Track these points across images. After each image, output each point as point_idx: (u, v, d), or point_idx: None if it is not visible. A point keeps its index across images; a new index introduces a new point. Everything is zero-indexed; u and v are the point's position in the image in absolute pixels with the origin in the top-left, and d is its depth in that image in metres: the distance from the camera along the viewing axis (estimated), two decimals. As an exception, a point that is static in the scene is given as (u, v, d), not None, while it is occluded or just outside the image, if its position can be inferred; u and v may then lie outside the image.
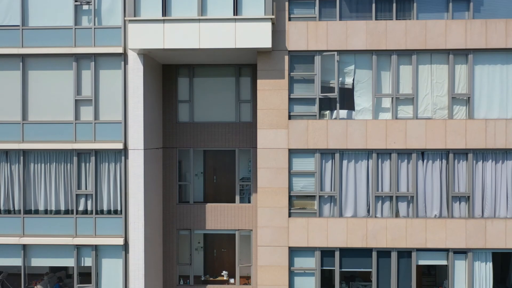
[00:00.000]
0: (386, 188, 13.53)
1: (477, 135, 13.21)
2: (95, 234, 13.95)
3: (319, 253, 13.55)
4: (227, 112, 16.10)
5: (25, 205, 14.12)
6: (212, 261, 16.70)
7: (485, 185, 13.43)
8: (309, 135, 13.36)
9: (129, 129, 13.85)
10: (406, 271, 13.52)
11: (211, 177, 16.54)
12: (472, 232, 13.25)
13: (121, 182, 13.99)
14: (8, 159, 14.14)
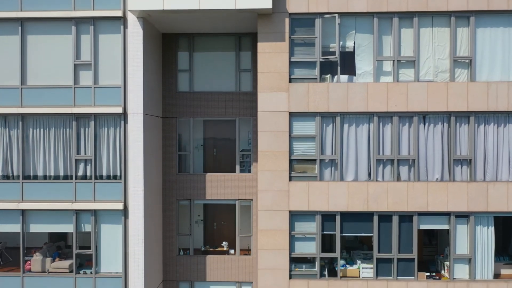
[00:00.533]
0: (387, 151, 13.44)
1: (479, 98, 13.12)
2: (94, 199, 13.86)
3: (320, 217, 13.46)
4: (227, 81, 16.02)
5: (24, 171, 14.02)
6: (212, 234, 16.62)
7: (487, 149, 13.35)
8: (309, 98, 13.27)
9: (128, 94, 13.76)
10: (407, 236, 13.43)
11: (211, 147, 16.45)
12: (474, 196, 13.17)
13: (120, 147, 13.90)
14: (6, 124, 14.05)
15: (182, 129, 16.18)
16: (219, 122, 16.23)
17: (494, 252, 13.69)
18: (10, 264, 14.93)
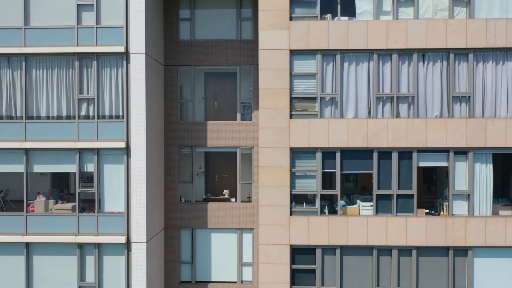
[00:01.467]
0: (387, 89, 13.59)
1: (478, 35, 13.26)
2: (97, 138, 14.00)
3: (320, 154, 13.61)
4: (228, 30, 16.14)
5: (27, 111, 14.16)
6: (213, 184, 16.76)
7: (486, 86, 13.50)
8: (310, 35, 13.41)
9: (130, 33, 13.88)
10: (407, 172, 13.59)
11: (212, 97, 16.58)
12: (473, 132, 13.32)
13: (122, 87, 14.03)
14: (10, 64, 14.18)
15: (184, 77, 16.31)
16: (221, 70, 16.35)
17: (493, 194, 13.84)
18: (13, 212, 15.04)
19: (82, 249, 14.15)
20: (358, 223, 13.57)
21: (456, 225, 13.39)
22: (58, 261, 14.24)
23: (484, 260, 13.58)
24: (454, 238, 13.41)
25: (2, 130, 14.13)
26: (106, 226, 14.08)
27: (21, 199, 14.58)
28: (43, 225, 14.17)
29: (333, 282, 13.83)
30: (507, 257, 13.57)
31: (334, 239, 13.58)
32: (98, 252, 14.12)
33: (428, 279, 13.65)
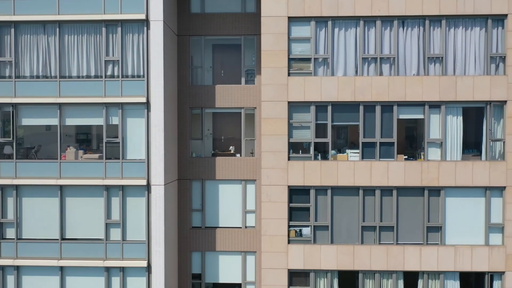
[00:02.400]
0: (371, 51, 15.77)
1: (449, 4, 15.42)
2: (121, 94, 16.19)
3: (314, 107, 15.81)
4: (234, 3, 18.27)
5: (61, 71, 16.34)
6: (220, 141, 18.93)
7: (456, 48, 15.67)
8: (305, 4, 15.58)
9: (150, 3, 16.01)
10: (388, 123, 15.78)
11: (219, 65, 18.74)
12: (445, 87, 15.51)
13: (143, 50, 16.20)
14: (45, 31, 16.35)
15: (194, 46, 18.47)
16: (227, 41, 18.50)
17: (465, 146, 16.01)
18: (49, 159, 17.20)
19: (108, 191, 16.37)
20: (346, 167, 15.78)
21: (430, 168, 15.60)
22: (87, 202, 16.46)
23: (455, 199, 15.79)
24: (429, 179, 15.63)
25: (39, 88, 16.32)
26: (129, 171, 16.30)
27: (48, 157, 16.70)
28: (74, 170, 16.39)
29: (325, 218, 16.05)
30: (474, 196, 15.78)
31: (326, 180, 15.80)
32: (122, 194, 16.33)
33: (407, 216, 15.87)
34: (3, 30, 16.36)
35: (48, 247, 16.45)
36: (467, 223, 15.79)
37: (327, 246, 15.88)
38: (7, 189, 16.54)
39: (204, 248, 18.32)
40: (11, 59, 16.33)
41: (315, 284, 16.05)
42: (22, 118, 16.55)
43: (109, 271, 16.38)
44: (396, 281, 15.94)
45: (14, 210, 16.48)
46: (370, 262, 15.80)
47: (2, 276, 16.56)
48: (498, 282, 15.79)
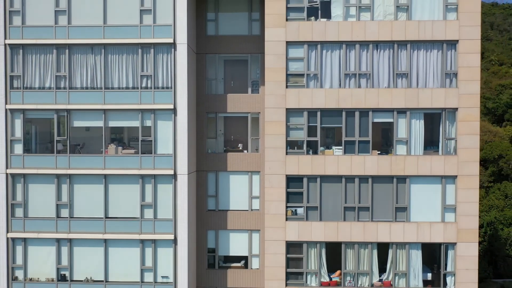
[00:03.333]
0: (352, 68, 19.97)
1: (413, 31, 19.62)
2: (154, 102, 20.40)
3: (306, 113, 20.02)
4: (242, 27, 22.41)
5: (105, 84, 20.54)
6: (230, 140, 23.08)
7: (419, 66, 19.88)
8: (299, 32, 19.79)
9: (176, 30, 20.20)
10: (365, 126, 19.98)
11: (229, 77, 22.89)
12: (409, 97, 19.70)
13: (171, 67, 20.40)
14: (93, 51, 20.55)
15: (210, 62, 22.64)
16: (236, 58, 22.67)
17: (426, 144, 20.16)
18: (95, 154, 21.37)
19: (143, 179, 20.57)
20: (332, 160, 19.99)
21: (398, 161, 19.80)
22: (126, 188, 20.66)
23: (417, 185, 19.99)
24: (397, 170, 19.83)
25: (88, 97, 20.52)
26: (159, 163, 20.49)
27: (92, 152, 20.86)
28: (115, 163, 20.59)
29: (315, 200, 20.26)
30: (433, 183, 19.97)
31: (316, 171, 20.00)
32: (154, 181, 20.53)
33: (379, 198, 20.08)
34: (60, 51, 20.58)
35: (94, 224, 20.66)
36: (427, 205, 19.99)
37: (317, 222, 20.10)
38: (62, 177, 20.75)
39: (218, 227, 22.51)
40: (66, 74, 20.55)
41: (307, 253, 20.26)
42: (74, 121, 20.77)
43: (144, 243, 20.59)
44: (371, 250, 20.15)
45: (68, 195, 20.69)
46: (351, 235, 20.01)
47: (57, 247, 20.77)
48: (451, 251, 19.99)
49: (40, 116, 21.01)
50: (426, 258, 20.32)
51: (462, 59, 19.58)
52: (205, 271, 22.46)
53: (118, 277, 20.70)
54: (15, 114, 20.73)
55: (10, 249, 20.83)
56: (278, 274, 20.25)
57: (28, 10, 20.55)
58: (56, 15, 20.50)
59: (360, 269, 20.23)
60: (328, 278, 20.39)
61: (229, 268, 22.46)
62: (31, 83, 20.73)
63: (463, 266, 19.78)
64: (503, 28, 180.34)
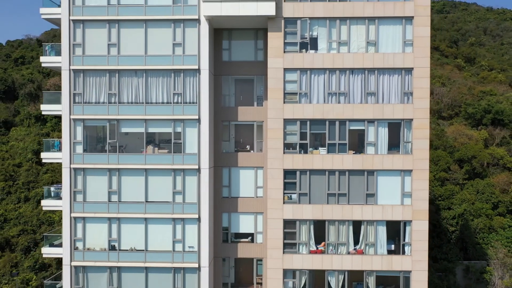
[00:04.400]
0: (333, 88, 26.41)
1: (379, 61, 26.06)
2: (183, 113, 26.80)
3: (299, 122, 26.48)
4: (249, 54, 28.84)
5: (146, 99, 26.96)
6: (240, 142, 29.47)
7: (384, 87, 26.30)
8: (294, 61, 26.25)
9: (200, 59, 26.63)
10: (343, 132, 26.40)
11: (239, 93, 29.29)
12: (377, 110, 26.12)
13: (196, 86, 26.82)
14: (136, 74, 26.98)
15: (224, 82, 29.06)
16: (245, 78, 29.09)
17: (390, 146, 26.56)
18: (137, 153, 27.78)
19: (174, 172, 26.98)
20: (318, 158, 26.42)
21: (368, 159, 26.23)
22: (161, 179, 27.06)
23: (383, 177, 26.39)
24: (367, 165, 26.25)
25: (132, 110, 26.93)
26: (187, 160, 26.91)
27: (132, 154, 27.26)
28: (153, 159, 27.01)
29: (305, 188, 26.67)
30: (394, 176, 26.35)
31: (306, 166, 26.43)
32: (183, 174, 26.95)
33: (354, 187, 26.49)
34: (111, 74, 27.02)
35: (137, 206, 27.08)
36: (390, 192, 26.41)
37: (307, 205, 26.53)
38: (112, 171, 27.17)
39: (230, 210, 28.92)
40: (116, 92, 26.99)
41: (299, 228, 26.68)
42: (122, 128, 27.21)
43: (175, 221, 27.01)
44: (348, 226, 26.58)
45: (117, 184, 27.12)
46: (332, 214, 26.43)
47: (109, 224, 27.19)
48: (408, 227, 26.40)
49: (96, 124, 27.47)
50: (389, 233, 26.76)
51: (416, 82, 26.04)
52: (220, 244, 28.88)
53: (155, 247, 27.14)
54: (77, 123, 27.19)
55: (73, 226, 27.27)
56: (278, 244, 26.70)
57: (87, 44, 27.02)
58: (109, 47, 26.96)
59: (339, 241, 26.69)
60: (315, 248, 26.84)
61: (239, 242, 28.89)
62: (89, 98, 27.19)
63: (417, 238, 26.23)
64: (496, 33, 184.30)
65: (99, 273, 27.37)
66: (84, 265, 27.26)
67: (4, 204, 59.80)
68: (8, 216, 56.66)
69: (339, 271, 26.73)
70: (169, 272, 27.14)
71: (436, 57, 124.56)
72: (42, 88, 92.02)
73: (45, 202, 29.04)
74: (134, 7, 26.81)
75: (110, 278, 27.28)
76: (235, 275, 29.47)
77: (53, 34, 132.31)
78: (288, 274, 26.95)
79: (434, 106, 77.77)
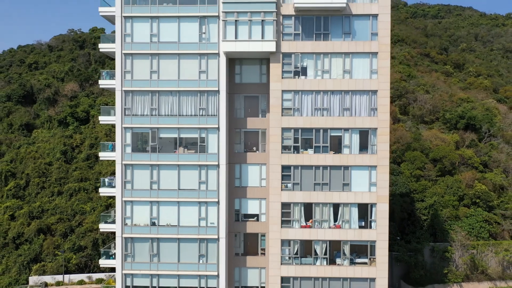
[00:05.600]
0: (319, 105, 35.55)
1: (352, 84, 35.19)
2: (206, 123, 35.94)
3: (293, 130, 35.63)
4: (256, 78, 37.94)
5: (178, 112, 36.05)
6: (248, 145, 38.55)
7: (356, 104, 35.44)
8: (289, 84, 35.42)
9: (219, 83, 35.78)
10: (326, 137, 35.56)
11: (248, 107, 38.38)
12: (350, 122, 35.27)
13: (216, 103, 35.97)
14: (171, 94, 36.07)
15: (236, 99, 38.17)
16: (252, 95, 38.22)
17: (361, 147, 35.69)
18: (171, 152, 36.89)
19: (200, 167, 36.12)
20: (307, 156, 35.59)
21: (344, 157, 35.41)
22: (189, 172, 36.19)
23: (355, 171, 35.52)
24: (344, 162, 35.42)
25: (167, 120, 36.06)
26: (209, 158, 36.03)
27: (167, 153, 36.33)
28: (183, 158, 36.14)
29: (298, 179, 35.82)
30: (364, 170, 35.50)
31: (298, 162, 35.60)
32: (206, 169, 36.07)
33: (334, 178, 35.63)
34: (153, 94, 36.15)
35: (172, 193, 36.21)
36: (360, 182, 35.57)
37: (298, 192, 35.70)
38: (153, 166, 36.29)
39: (241, 196, 38.05)
40: (156, 107, 36.13)
41: (293, 209, 35.83)
42: (160, 134, 36.36)
43: (200, 204, 36.16)
44: (329, 208, 35.73)
45: (157, 176, 36.23)
46: (317, 198, 35.59)
47: (150, 206, 36.30)
48: (374, 208, 35.57)
49: (141, 131, 36.58)
50: (360, 212, 35.90)
51: (379, 100, 35.21)
52: (233, 222, 38.02)
53: (185, 223, 36.27)
54: (127, 130, 36.32)
55: (123, 208, 36.38)
56: (277, 221, 35.85)
57: (135, 71, 36.15)
58: (151, 73, 36.12)
59: (323, 218, 35.84)
60: (305, 223, 35.99)
61: (247, 221, 38.01)
62: (136, 112, 36.32)
63: (380, 216, 35.39)
64: (487, 39, 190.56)
65: (143, 243, 36.51)
66: (132, 237, 36.41)
67: (39, 197, 69.00)
68: (44, 207, 65.82)
69: (323, 241, 35.91)
70: (195, 242, 36.30)
71: (426, 64, 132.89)
72: (59, 94, 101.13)
73: (102, 190, 38.28)
74: (170, 43, 35.97)
75: (151, 247, 36.41)
76: (244, 247, 38.58)
77: (62, 40, 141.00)
78: (285, 244, 36.12)
79: (417, 111, 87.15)
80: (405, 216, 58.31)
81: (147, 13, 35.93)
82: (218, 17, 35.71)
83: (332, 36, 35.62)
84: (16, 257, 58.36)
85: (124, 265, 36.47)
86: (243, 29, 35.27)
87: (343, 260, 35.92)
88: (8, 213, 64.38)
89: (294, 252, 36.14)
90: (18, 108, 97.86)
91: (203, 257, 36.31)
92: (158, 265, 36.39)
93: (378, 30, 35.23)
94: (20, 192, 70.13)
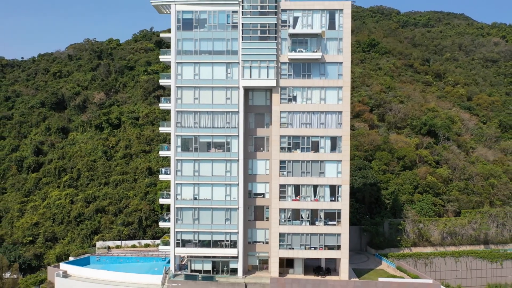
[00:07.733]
0: (304, 120, 54.58)
1: (325, 107, 54.21)
2: (231, 133, 54.90)
3: (287, 136, 54.70)
4: (263, 101, 56.88)
5: (212, 124, 55.01)
6: (257, 147, 57.46)
7: (328, 120, 54.47)
8: (285, 107, 54.49)
9: (240, 104, 54.75)
10: (308, 142, 54.57)
11: (257, 121, 57.31)
12: (325, 132, 54.25)
13: (238, 120, 54.97)
14: (207, 113, 55.00)
15: (250, 116, 57.05)
16: (260, 113, 57.14)
17: (331, 148, 54.66)
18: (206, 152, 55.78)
19: (226, 162, 55.07)
20: (297, 154, 54.58)
21: (320, 155, 54.42)
22: (219, 165, 55.14)
23: (328, 164, 54.49)
24: (321, 158, 54.43)
25: (204, 130, 54.99)
26: (233, 155, 55.01)
27: (204, 152, 55.21)
28: (215, 155, 55.14)
29: (290, 169, 54.80)
30: (334, 163, 54.46)
31: (291, 158, 54.60)
32: (231, 162, 55.01)
33: (314, 168, 54.57)
34: (196, 113, 55.06)
35: (207, 178, 55.18)
36: (331, 171, 54.55)
37: (291, 177, 54.69)
38: (196, 161, 55.20)
39: (252, 181, 57.04)
40: (197, 121, 55.08)
41: (287, 189, 54.79)
42: (200, 139, 55.31)
43: (226, 185, 55.17)
44: (311, 187, 54.68)
45: (198, 167, 55.14)
46: (303, 181, 54.56)
47: (193, 186, 55.22)
48: (340, 188, 54.56)
49: (187, 137, 55.42)
50: (331, 191, 54.85)
51: (343, 118, 54.20)
52: (247, 198, 57.01)
53: (216, 198, 55.23)
54: (178, 137, 55.31)
55: (177, 188, 55.28)
56: (276, 196, 54.85)
57: (183, 98, 55.03)
58: (194, 99, 55.01)
59: (306, 194, 54.84)
60: (295, 198, 54.98)
61: (257, 197, 57.00)
62: (184, 124, 55.19)
63: (344, 194, 54.40)
64: (470, 49, 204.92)
65: (188, 211, 55.40)
66: (181, 207, 55.34)
67: (89, 187, 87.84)
68: (96, 194, 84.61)
69: (306, 209, 54.91)
70: (222, 211, 55.23)
71: (409, 74, 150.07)
72: (89, 101, 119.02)
73: (161, 176, 57.27)
74: (206, 80, 54.90)
75: (193, 213, 55.31)
76: (254, 215, 57.45)
77: (79, 48, 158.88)
78: (281, 211, 55.10)
79: (391, 119, 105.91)
80: (373, 200, 77.17)
81: (192, 60, 54.87)
82: (239, 63, 54.68)
83: (313, 76, 54.61)
84: (79, 231, 77.23)
85: (175, 226, 55.36)
86: (255, 71, 54.18)
87: (320, 222, 54.86)
88: (68, 198, 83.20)
89: (288, 217, 55.04)
90: (51, 113, 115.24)
91: (228, 221, 55.20)
92: (198, 225, 55.28)
93: (343, 72, 54.28)
94: (74, 183, 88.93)
